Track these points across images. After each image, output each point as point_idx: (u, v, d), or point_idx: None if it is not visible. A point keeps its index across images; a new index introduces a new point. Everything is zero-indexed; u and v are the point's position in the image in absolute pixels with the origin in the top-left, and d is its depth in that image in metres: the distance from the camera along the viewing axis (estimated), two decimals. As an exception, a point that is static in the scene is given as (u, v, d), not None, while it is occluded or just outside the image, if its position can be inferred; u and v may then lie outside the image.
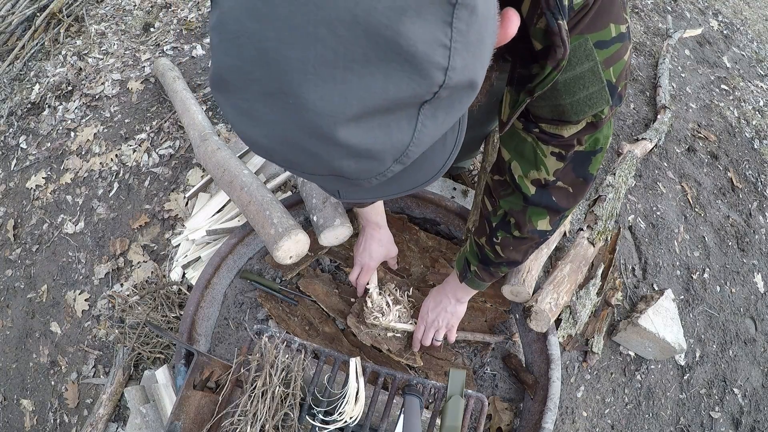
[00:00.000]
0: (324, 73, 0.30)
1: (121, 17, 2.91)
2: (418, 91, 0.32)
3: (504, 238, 0.96)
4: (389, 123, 0.33)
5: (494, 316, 1.45)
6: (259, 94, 0.33)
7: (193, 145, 1.82)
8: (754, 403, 1.67)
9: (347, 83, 0.30)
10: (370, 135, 0.33)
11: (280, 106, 0.32)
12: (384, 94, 0.31)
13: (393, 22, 0.29)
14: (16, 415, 1.76)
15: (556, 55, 0.54)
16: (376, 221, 1.35)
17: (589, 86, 0.64)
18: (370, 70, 0.30)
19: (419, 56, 0.30)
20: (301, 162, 0.36)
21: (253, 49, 0.31)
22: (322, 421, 1.10)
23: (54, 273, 1.97)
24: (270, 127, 0.34)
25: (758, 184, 2.24)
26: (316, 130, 0.32)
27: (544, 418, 1.20)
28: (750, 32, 3.18)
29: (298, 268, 1.51)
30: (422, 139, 0.35)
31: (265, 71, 0.31)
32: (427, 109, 0.34)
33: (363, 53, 0.29)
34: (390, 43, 0.29)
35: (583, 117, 0.68)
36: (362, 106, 0.31)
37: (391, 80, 0.31)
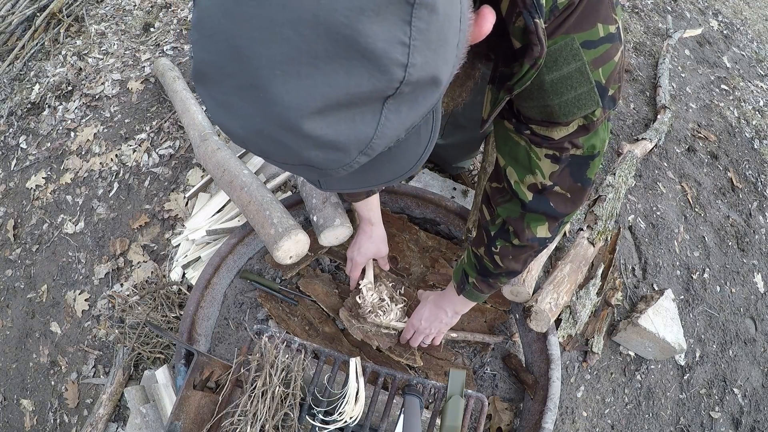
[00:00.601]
0: (290, 69, 0.32)
1: (121, 17, 2.91)
2: (379, 86, 0.34)
3: (503, 247, 0.95)
4: (353, 116, 0.35)
5: (494, 316, 1.45)
6: (234, 87, 0.35)
7: (193, 145, 1.82)
8: (754, 403, 1.67)
9: (311, 78, 0.32)
10: (334, 127, 0.35)
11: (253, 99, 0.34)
12: (346, 89, 0.33)
13: (352, 22, 0.31)
14: (16, 415, 1.76)
15: (533, 53, 0.55)
16: (369, 217, 1.35)
17: (577, 87, 0.64)
18: (332, 66, 0.32)
19: (378, 53, 0.32)
20: (274, 152, 0.38)
21: (226, 46, 0.33)
22: (322, 421, 1.10)
23: (54, 273, 1.97)
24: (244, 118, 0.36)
25: (758, 184, 2.24)
26: (284, 122, 0.34)
27: (544, 418, 1.20)
28: (750, 32, 3.18)
29: (298, 268, 1.51)
30: (386, 133, 0.37)
31: (238, 66, 0.33)
32: (391, 103, 0.35)
33: (325, 51, 0.31)
34: (349, 41, 0.31)
35: (573, 118, 0.68)
36: (326, 100, 0.33)
37: (352, 76, 0.32)
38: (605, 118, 0.71)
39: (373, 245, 1.39)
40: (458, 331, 1.39)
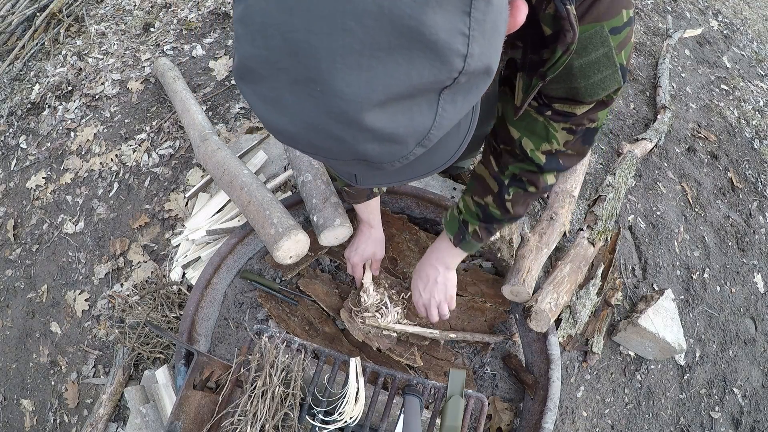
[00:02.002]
0: (351, 61, 0.32)
1: (121, 17, 2.91)
2: (440, 77, 0.34)
3: (516, 193, 0.98)
4: (412, 108, 0.35)
5: (494, 316, 1.45)
6: (286, 82, 0.34)
7: (193, 145, 1.82)
8: (754, 403, 1.67)
9: (373, 70, 0.32)
10: (394, 120, 0.35)
11: (308, 93, 0.34)
12: (408, 81, 0.33)
13: (416, 13, 0.31)
14: (16, 415, 1.76)
15: (566, 39, 0.56)
16: (368, 219, 1.36)
17: (603, 70, 0.66)
18: (394, 57, 0.32)
19: (441, 44, 0.32)
20: (327, 147, 0.37)
21: (281, 39, 0.33)
22: (322, 421, 1.10)
23: (54, 273, 1.97)
24: (296, 114, 0.35)
25: (758, 184, 2.24)
26: (343, 116, 0.34)
27: (544, 418, 1.20)
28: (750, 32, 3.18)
29: (298, 268, 1.51)
30: (443, 123, 0.37)
31: (292, 60, 0.33)
32: (447, 94, 0.35)
33: (388, 42, 0.31)
34: (413, 32, 0.31)
35: (597, 98, 0.72)
36: (387, 92, 0.33)
37: (414, 67, 0.32)
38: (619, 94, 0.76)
39: (371, 248, 1.39)
40: (458, 331, 1.39)
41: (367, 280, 1.41)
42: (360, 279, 1.42)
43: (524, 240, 1.45)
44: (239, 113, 2.18)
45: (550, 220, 1.54)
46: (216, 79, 2.34)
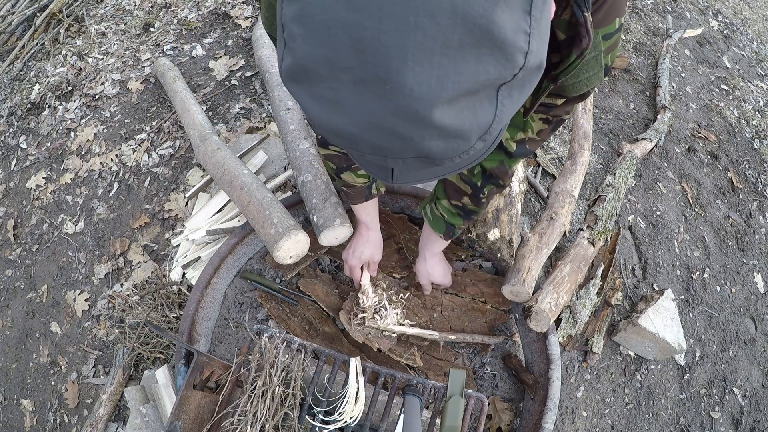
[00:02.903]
0: (422, 59, 0.32)
1: (121, 17, 2.91)
2: (503, 73, 0.35)
3: (490, 190, 1.04)
4: (475, 104, 0.36)
5: (494, 317, 1.45)
6: (348, 82, 0.34)
7: (193, 145, 1.82)
8: (754, 403, 1.67)
9: (443, 68, 0.32)
10: (460, 116, 0.35)
11: (374, 92, 0.33)
12: (475, 77, 0.34)
13: (488, 12, 0.32)
14: (16, 415, 1.76)
15: (582, 44, 0.57)
16: (366, 221, 1.36)
17: (590, 70, 0.70)
18: (464, 55, 0.32)
19: (507, 42, 0.33)
20: (390, 146, 0.37)
21: (347, 38, 0.32)
22: (322, 421, 1.10)
23: (54, 273, 1.97)
24: (358, 114, 0.35)
25: (758, 184, 2.24)
26: (412, 114, 0.34)
27: (544, 418, 1.20)
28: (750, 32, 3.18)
29: (298, 268, 1.51)
30: (502, 118, 0.38)
31: (359, 59, 0.33)
32: (505, 89, 0.37)
33: (459, 40, 0.32)
34: (484, 30, 0.32)
35: (580, 93, 0.76)
36: (456, 89, 0.34)
37: (481, 64, 0.33)
38: None
39: (368, 250, 1.39)
40: (458, 332, 1.39)
41: (365, 281, 1.40)
42: (358, 281, 1.42)
43: (524, 240, 1.45)
44: (239, 113, 2.18)
45: (550, 220, 1.54)
46: (216, 79, 2.34)
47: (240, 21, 2.61)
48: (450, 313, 1.44)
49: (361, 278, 1.41)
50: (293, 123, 1.66)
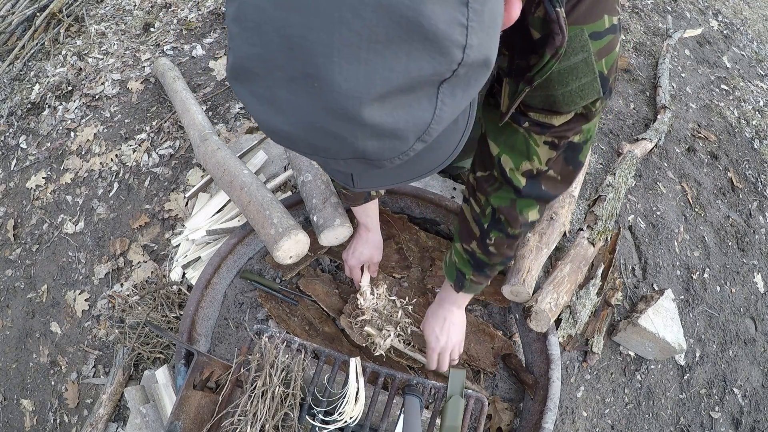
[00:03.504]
0: (349, 55, 0.31)
1: (121, 17, 2.91)
2: (439, 69, 0.33)
3: (497, 237, 0.96)
4: (411, 102, 0.34)
5: (502, 346, 1.41)
6: (282, 80, 0.33)
7: (193, 145, 1.82)
8: (754, 403, 1.67)
9: (372, 64, 0.31)
10: (393, 114, 0.34)
11: (305, 90, 0.33)
12: (407, 73, 0.32)
13: (415, 3, 0.30)
14: (16, 415, 1.76)
15: (555, 42, 0.55)
16: (366, 223, 1.36)
17: (581, 77, 0.64)
18: (393, 50, 0.31)
19: (440, 35, 0.31)
20: (325, 146, 0.36)
21: (276, 36, 0.32)
22: (322, 421, 1.10)
23: (54, 273, 1.97)
24: (293, 112, 0.34)
25: (758, 184, 2.24)
26: (341, 112, 0.33)
27: (544, 418, 1.20)
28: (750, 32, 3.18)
29: (298, 268, 1.51)
30: (442, 117, 0.36)
31: (288, 56, 0.32)
32: (446, 87, 0.35)
33: (386, 34, 0.31)
34: (413, 23, 0.30)
35: (575, 108, 0.69)
36: (386, 86, 0.32)
37: (413, 59, 0.32)
38: (603, 107, 0.72)
39: (368, 251, 1.39)
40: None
41: (365, 282, 1.40)
42: (358, 281, 1.42)
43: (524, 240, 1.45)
44: (239, 113, 2.18)
45: (550, 220, 1.54)
46: (216, 79, 2.34)
47: (240, 21, 2.60)
48: None
49: (361, 279, 1.41)
50: (293, 123, 1.66)
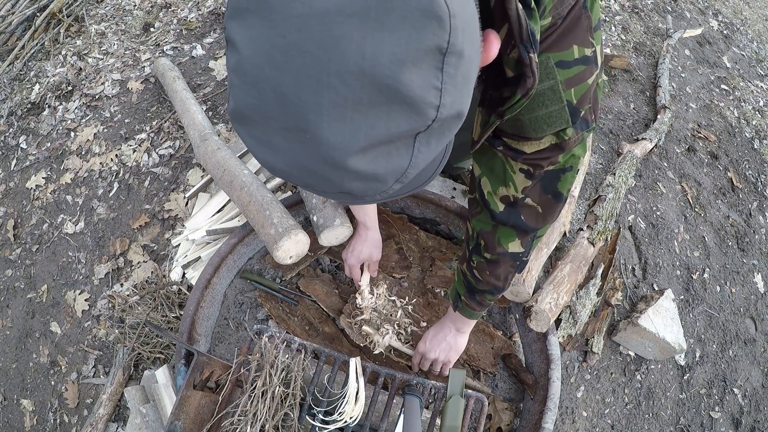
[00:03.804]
0: (336, 113, 0.36)
1: (121, 17, 2.91)
2: (415, 125, 0.38)
3: (479, 262, 0.97)
4: (390, 152, 0.39)
5: (502, 346, 1.42)
6: (277, 129, 0.38)
7: (193, 145, 1.82)
8: (754, 403, 1.67)
9: (355, 122, 0.36)
10: (374, 163, 0.39)
11: (297, 139, 0.38)
12: (386, 130, 0.37)
13: (394, 73, 0.35)
14: (16, 415, 1.76)
15: (527, 84, 0.58)
16: (364, 221, 1.36)
17: (548, 104, 0.66)
18: (374, 111, 0.36)
19: (416, 99, 0.36)
20: (315, 184, 0.42)
21: (272, 92, 0.37)
22: (322, 421, 1.10)
23: (54, 273, 1.97)
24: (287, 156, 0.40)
25: (758, 184, 2.24)
26: (329, 160, 0.38)
27: (544, 418, 1.20)
28: (750, 32, 3.18)
29: (298, 268, 1.51)
30: (418, 163, 0.41)
31: (283, 111, 0.37)
32: (421, 137, 0.39)
33: (368, 98, 0.35)
34: (391, 90, 0.35)
35: (543, 134, 0.70)
36: (368, 140, 0.37)
37: (392, 119, 0.37)
38: (579, 138, 0.72)
39: (367, 249, 1.39)
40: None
41: (364, 282, 1.40)
42: (358, 280, 1.42)
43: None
44: (239, 113, 2.18)
45: None
46: (216, 79, 2.34)
47: (240, 21, 2.60)
48: None
49: (360, 278, 1.41)
50: (293, 123, 1.66)
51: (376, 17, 0.34)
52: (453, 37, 0.36)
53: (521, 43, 0.54)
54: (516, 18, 0.52)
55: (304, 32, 0.34)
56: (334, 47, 0.34)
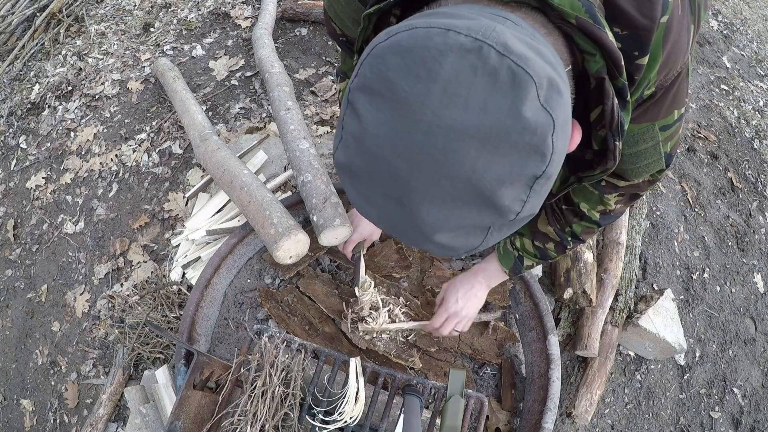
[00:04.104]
0: (437, 202, 0.43)
1: (121, 17, 2.91)
2: (496, 222, 0.45)
3: (575, 244, 1.07)
4: (469, 233, 0.46)
5: (504, 336, 1.43)
6: (379, 192, 0.45)
7: (193, 145, 1.82)
8: (754, 403, 1.67)
9: (450, 211, 0.44)
10: (454, 240, 0.46)
11: (396, 206, 0.45)
12: (472, 222, 0.45)
13: (494, 188, 0.42)
14: (16, 415, 1.77)
15: (606, 164, 0.64)
16: None
17: (648, 158, 0.75)
18: (468, 207, 0.43)
19: (504, 207, 0.43)
20: (400, 236, 0.49)
21: (386, 168, 0.43)
22: (322, 421, 1.10)
23: (54, 273, 1.97)
24: (382, 213, 0.47)
25: (758, 184, 2.24)
26: (419, 231, 0.46)
27: (544, 418, 1.20)
28: (750, 32, 3.18)
29: (297, 268, 1.51)
30: (488, 243, 0.49)
31: (390, 184, 0.44)
32: (494, 229, 0.47)
33: (467, 198, 0.43)
34: (487, 198, 0.43)
35: (640, 179, 0.81)
36: (456, 225, 0.45)
37: (480, 216, 0.44)
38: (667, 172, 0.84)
39: (369, 225, 1.38)
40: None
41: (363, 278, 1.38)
42: (349, 252, 1.40)
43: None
44: (239, 113, 2.18)
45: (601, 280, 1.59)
46: (216, 79, 2.34)
47: (240, 21, 2.60)
48: None
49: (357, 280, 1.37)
50: (293, 123, 1.66)
51: (494, 143, 0.41)
52: (549, 167, 0.43)
53: (610, 131, 0.59)
54: (610, 111, 0.56)
55: (430, 139, 0.41)
56: (452, 158, 0.41)
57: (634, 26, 0.56)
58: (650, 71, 0.61)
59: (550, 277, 1.63)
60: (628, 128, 0.67)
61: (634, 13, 0.55)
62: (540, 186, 0.44)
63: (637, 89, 0.63)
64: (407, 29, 0.43)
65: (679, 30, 0.60)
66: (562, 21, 0.50)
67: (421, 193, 0.43)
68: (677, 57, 0.62)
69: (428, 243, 0.47)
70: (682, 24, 0.60)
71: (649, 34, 0.57)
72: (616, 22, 0.56)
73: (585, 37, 0.51)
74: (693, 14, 0.63)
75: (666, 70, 0.62)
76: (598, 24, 0.50)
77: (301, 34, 2.52)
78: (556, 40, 0.51)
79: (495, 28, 0.41)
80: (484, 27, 0.41)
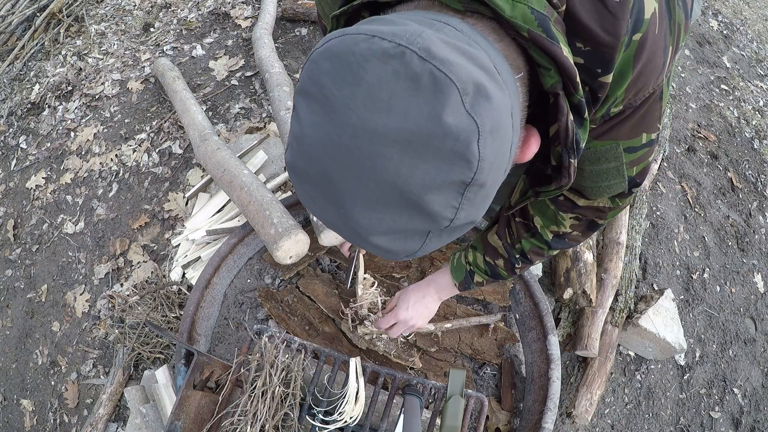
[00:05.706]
0: (368, 206, 0.44)
1: (121, 17, 2.91)
2: (430, 227, 0.46)
3: (524, 265, 1.05)
4: (406, 238, 0.47)
5: (504, 336, 1.43)
6: (320, 193, 0.47)
7: (193, 145, 1.82)
8: (754, 403, 1.67)
9: (382, 214, 0.44)
10: (392, 243, 0.47)
11: (335, 209, 0.46)
12: (406, 226, 0.45)
13: (420, 194, 0.42)
14: (16, 415, 1.77)
15: (561, 182, 0.63)
16: None
17: (611, 179, 0.73)
18: (399, 211, 0.44)
19: (434, 213, 0.44)
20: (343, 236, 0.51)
21: (321, 171, 0.44)
22: (322, 421, 1.10)
23: (54, 273, 1.97)
24: (326, 212, 0.48)
25: (758, 184, 2.24)
26: (356, 233, 0.47)
27: (544, 418, 1.20)
28: (750, 32, 3.18)
29: (297, 268, 1.51)
30: (428, 249, 0.49)
31: (327, 187, 0.45)
32: (434, 234, 0.47)
33: (396, 203, 0.43)
34: (416, 204, 0.43)
35: (599, 197, 0.79)
36: (390, 228, 0.45)
37: (412, 220, 0.44)
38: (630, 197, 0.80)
39: None
40: (452, 320, 1.39)
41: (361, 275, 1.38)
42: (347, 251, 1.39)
43: None
44: (239, 113, 2.18)
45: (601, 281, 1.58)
46: (216, 79, 2.34)
47: (240, 21, 2.61)
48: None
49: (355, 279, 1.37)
50: (293, 123, 1.66)
51: (416, 149, 0.41)
52: (478, 175, 0.42)
53: (564, 147, 0.58)
54: (564, 128, 0.55)
55: (356, 142, 0.41)
56: (378, 162, 0.41)
57: (596, 42, 0.54)
58: (617, 89, 0.59)
59: (550, 277, 1.63)
60: (591, 144, 0.68)
61: (596, 29, 0.54)
62: (473, 194, 0.44)
63: (602, 106, 0.61)
64: (340, 35, 0.43)
65: (654, 50, 0.58)
66: (516, 33, 0.49)
67: (352, 196, 0.44)
68: (649, 77, 0.60)
69: (366, 245, 0.48)
70: (657, 44, 0.58)
71: (613, 52, 0.55)
72: (577, 37, 0.54)
73: (539, 51, 0.49)
74: (672, 35, 0.61)
75: (635, 89, 0.60)
76: (552, 38, 0.49)
77: (301, 34, 2.52)
78: (508, 46, 0.49)
79: (422, 33, 0.41)
80: (410, 32, 0.41)
